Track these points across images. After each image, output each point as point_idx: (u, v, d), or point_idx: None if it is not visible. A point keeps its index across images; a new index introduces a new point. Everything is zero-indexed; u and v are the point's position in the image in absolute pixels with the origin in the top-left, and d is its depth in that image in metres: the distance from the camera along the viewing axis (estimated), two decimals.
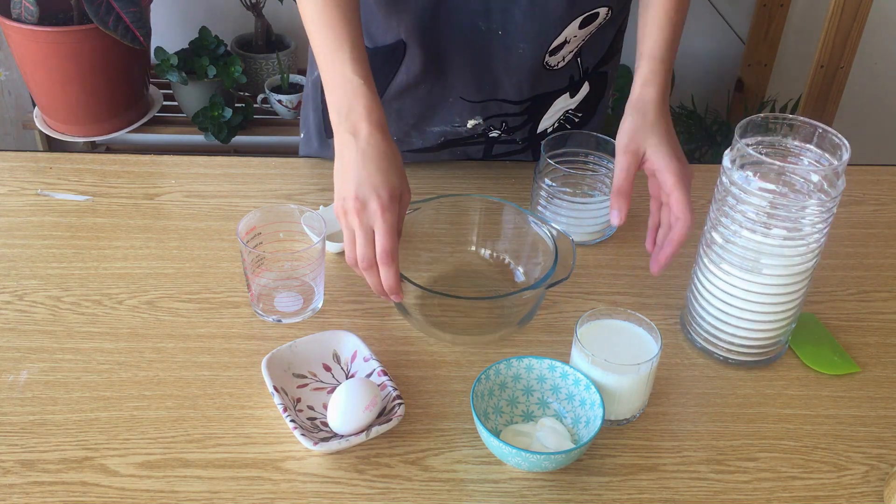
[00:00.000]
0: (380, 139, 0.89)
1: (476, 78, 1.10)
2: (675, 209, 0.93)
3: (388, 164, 0.89)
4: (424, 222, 1.01)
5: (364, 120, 0.90)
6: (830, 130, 0.86)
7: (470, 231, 1.05)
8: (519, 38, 1.05)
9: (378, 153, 0.88)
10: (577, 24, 1.06)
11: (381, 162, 0.88)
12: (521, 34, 1.05)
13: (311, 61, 1.23)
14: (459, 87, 1.12)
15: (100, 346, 0.93)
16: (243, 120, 2.20)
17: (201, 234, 1.09)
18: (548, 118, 1.19)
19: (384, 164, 0.88)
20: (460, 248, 1.05)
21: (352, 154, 0.89)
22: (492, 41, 1.06)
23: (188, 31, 2.23)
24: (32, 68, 2.00)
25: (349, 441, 0.81)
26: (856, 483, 0.83)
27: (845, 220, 1.16)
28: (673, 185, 0.93)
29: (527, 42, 1.06)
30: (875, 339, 0.99)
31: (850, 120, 2.39)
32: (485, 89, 1.12)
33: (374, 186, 0.87)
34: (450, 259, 1.04)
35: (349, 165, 0.88)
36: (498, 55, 1.07)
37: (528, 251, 1.02)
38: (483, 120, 1.16)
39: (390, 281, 0.87)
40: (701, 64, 2.45)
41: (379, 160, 0.88)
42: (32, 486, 0.79)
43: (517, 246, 1.03)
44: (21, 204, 1.12)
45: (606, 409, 0.84)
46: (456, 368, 0.93)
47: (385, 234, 0.86)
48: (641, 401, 0.87)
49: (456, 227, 1.04)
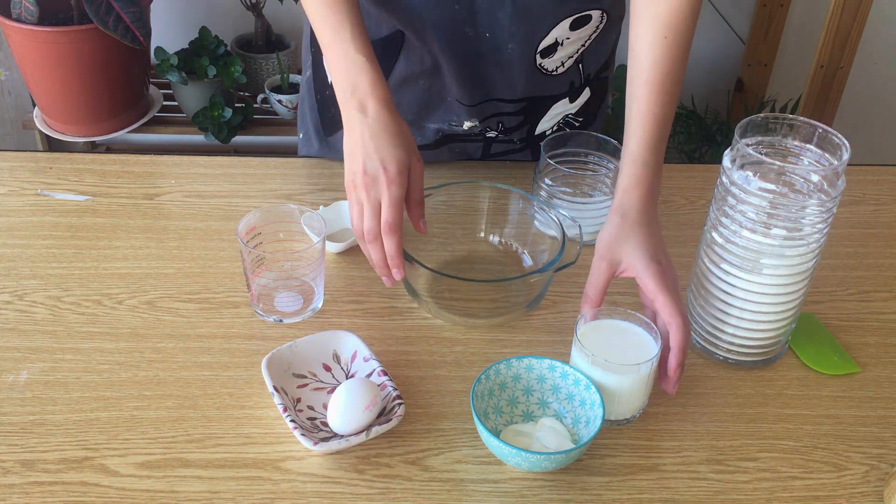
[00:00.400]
0: (386, 114, 0.92)
1: (470, 79, 1.11)
2: (663, 315, 0.86)
3: (396, 138, 0.91)
4: (434, 209, 1.03)
5: (370, 96, 0.92)
6: (830, 130, 0.86)
7: (479, 218, 1.07)
8: (506, 39, 1.06)
9: (385, 128, 0.91)
10: (568, 26, 1.06)
11: (388, 136, 0.91)
12: (507, 36, 1.06)
13: (306, 60, 1.23)
14: (454, 90, 1.12)
15: (100, 346, 0.93)
16: (243, 120, 2.20)
17: (201, 234, 1.09)
18: (546, 121, 1.19)
19: (391, 139, 0.91)
20: (469, 235, 1.08)
21: (360, 130, 0.91)
22: (481, 44, 1.06)
23: (188, 31, 2.23)
24: (32, 68, 2.00)
25: (349, 441, 0.81)
26: (856, 483, 0.83)
27: (845, 220, 1.16)
28: (655, 290, 0.86)
29: (515, 43, 1.06)
30: (875, 339, 0.99)
31: (850, 120, 2.39)
32: (478, 91, 1.12)
33: (382, 160, 0.89)
34: (459, 245, 1.07)
35: (357, 141, 0.91)
36: (488, 55, 1.08)
37: (536, 237, 1.04)
38: (479, 122, 1.16)
39: (392, 250, 0.90)
40: (701, 64, 2.45)
41: (386, 135, 0.91)
42: (32, 486, 0.79)
43: (525, 231, 1.06)
44: (21, 204, 1.12)
45: (606, 409, 0.84)
46: (456, 368, 0.93)
47: (390, 205, 0.89)
48: (641, 401, 0.87)
49: (465, 214, 1.07)
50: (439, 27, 1.05)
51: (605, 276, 0.89)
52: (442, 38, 1.06)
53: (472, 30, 1.05)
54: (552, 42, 1.07)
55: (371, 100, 0.92)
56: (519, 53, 1.07)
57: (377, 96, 0.92)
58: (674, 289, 0.87)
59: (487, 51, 1.07)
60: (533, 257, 1.05)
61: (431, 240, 1.03)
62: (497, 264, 1.06)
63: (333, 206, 1.11)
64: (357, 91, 0.93)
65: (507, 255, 1.07)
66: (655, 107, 0.92)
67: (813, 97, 2.12)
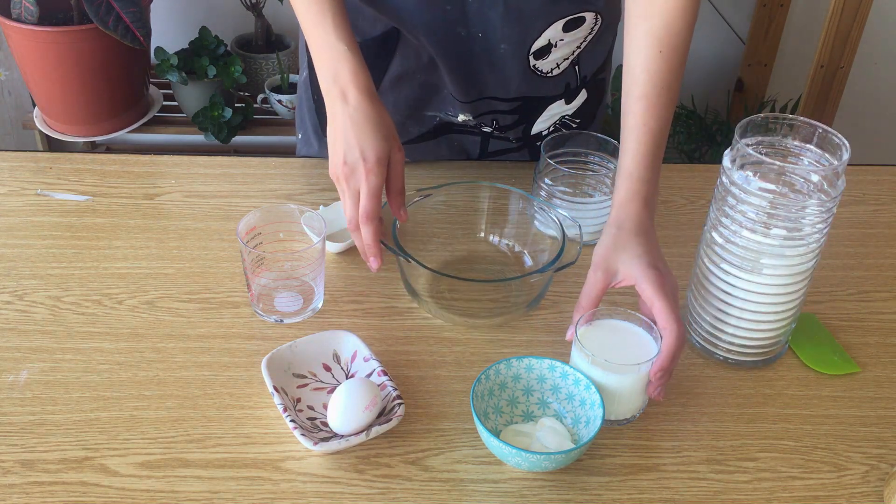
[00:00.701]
0: (366, 103, 0.93)
1: (463, 77, 1.11)
2: (659, 320, 0.85)
3: (375, 126, 0.92)
4: (435, 209, 1.04)
5: (351, 84, 0.93)
6: (830, 130, 0.86)
7: (479, 218, 1.08)
8: (499, 39, 1.06)
9: (364, 117, 0.92)
10: (561, 27, 1.06)
11: (367, 125, 0.92)
12: (500, 36, 1.06)
13: (303, 61, 1.23)
14: (449, 86, 1.12)
15: (100, 346, 0.93)
16: (243, 120, 2.20)
17: (201, 234, 1.09)
18: (542, 122, 1.20)
19: (371, 128, 0.92)
20: (469, 235, 1.08)
21: (341, 119, 0.93)
22: (473, 45, 1.07)
23: (188, 31, 2.23)
24: (32, 68, 2.00)
25: (349, 441, 0.81)
26: (856, 483, 0.83)
27: (845, 220, 1.16)
28: (653, 295, 0.85)
29: (507, 43, 1.06)
30: (875, 339, 0.99)
31: (850, 120, 2.39)
32: (472, 90, 1.12)
33: (362, 150, 0.91)
34: (459, 245, 1.07)
35: (339, 131, 0.93)
36: (481, 56, 1.08)
37: (536, 236, 1.05)
38: (474, 117, 1.16)
39: (369, 239, 0.92)
40: (701, 64, 2.45)
41: (367, 123, 0.92)
42: (32, 486, 0.79)
43: (525, 231, 1.06)
44: (21, 204, 1.12)
45: (606, 409, 0.84)
46: (456, 368, 0.93)
47: (367, 195, 0.91)
48: (641, 401, 0.87)
49: (465, 214, 1.07)
50: (431, 28, 1.05)
51: (600, 285, 0.88)
52: (434, 39, 1.06)
53: (465, 30, 1.05)
54: (545, 43, 1.07)
55: (352, 88, 0.93)
56: (511, 54, 1.08)
57: (358, 85, 0.93)
58: (672, 295, 0.86)
59: (480, 51, 1.07)
60: (533, 257, 1.05)
61: (431, 240, 1.04)
62: (497, 264, 1.07)
63: (333, 206, 1.11)
64: (338, 80, 0.93)
65: (508, 255, 1.07)
66: (651, 120, 0.91)
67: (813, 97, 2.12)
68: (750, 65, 2.40)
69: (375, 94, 0.94)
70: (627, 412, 0.87)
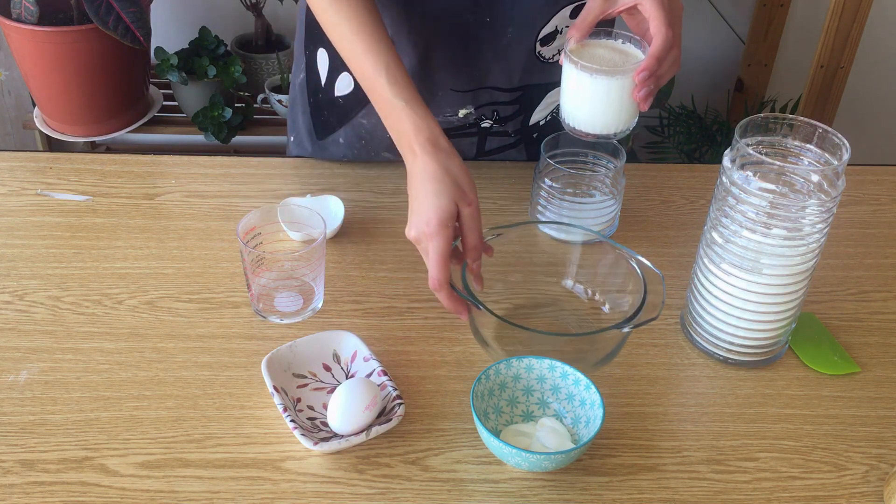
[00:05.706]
0: (428, 160, 0.90)
1: (465, 66, 1.11)
2: (651, 27, 0.86)
3: (439, 185, 0.89)
4: (507, 249, 0.99)
5: (414, 140, 0.91)
6: (830, 130, 0.86)
7: (557, 260, 1.02)
8: (507, 24, 1.07)
9: (428, 176, 0.89)
10: (568, 14, 1.07)
11: (430, 185, 0.89)
12: (508, 20, 1.06)
13: (299, 63, 1.23)
14: (448, 80, 1.12)
15: (100, 346, 0.93)
16: (243, 120, 2.20)
17: (201, 234, 1.09)
18: (540, 110, 1.20)
19: (433, 187, 0.89)
20: (544, 278, 1.02)
21: (411, 182, 0.91)
22: (480, 30, 1.07)
23: (188, 31, 2.23)
24: (32, 68, 2.00)
25: (349, 441, 0.81)
26: (856, 483, 0.83)
27: (845, 220, 1.16)
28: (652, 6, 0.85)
29: (515, 28, 1.07)
30: (875, 339, 0.99)
31: (850, 120, 2.39)
32: (475, 77, 1.13)
33: (426, 217, 0.88)
34: (533, 288, 1.02)
35: (411, 194, 0.91)
36: (487, 41, 1.08)
37: (617, 286, 0.97)
38: (474, 109, 1.16)
39: (448, 305, 0.90)
40: (701, 64, 2.45)
41: (429, 183, 0.89)
42: (32, 486, 0.79)
43: (604, 279, 0.99)
44: (21, 204, 1.12)
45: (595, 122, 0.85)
46: (456, 368, 0.93)
47: (433, 263, 0.88)
48: (629, 112, 0.88)
49: (541, 255, 1.02)
50: (439, 15, 1.05)
51: (597, 10, 0.88)
52: (440, 26, 1.06)
53: (473, 15, 1.06)
54: (552, 30, 1.08)
55: (415, 145, 0.91)
56: (518, 39, 1.08)
57: (420, 141, 0.91)
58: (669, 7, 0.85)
59: (487, 36, 1.08)
60: (611, 307, 0.98)
61: (496, 284, 0.98)
62: (570, 312, 1.00)
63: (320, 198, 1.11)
64: (402, 138, 0.93)
65: (585, 304, 1.00)
66: None
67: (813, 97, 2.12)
68: (750, 65, 2.41)
69: (440, 144, 0.91)
70: (616, 125, 0.87)
